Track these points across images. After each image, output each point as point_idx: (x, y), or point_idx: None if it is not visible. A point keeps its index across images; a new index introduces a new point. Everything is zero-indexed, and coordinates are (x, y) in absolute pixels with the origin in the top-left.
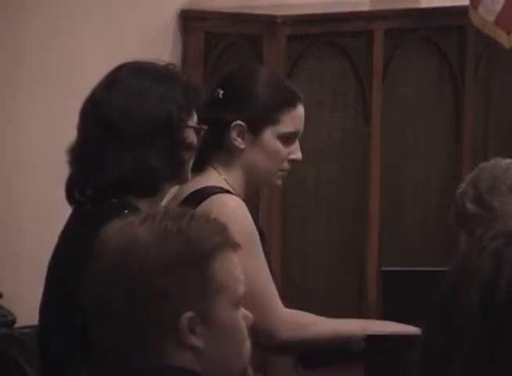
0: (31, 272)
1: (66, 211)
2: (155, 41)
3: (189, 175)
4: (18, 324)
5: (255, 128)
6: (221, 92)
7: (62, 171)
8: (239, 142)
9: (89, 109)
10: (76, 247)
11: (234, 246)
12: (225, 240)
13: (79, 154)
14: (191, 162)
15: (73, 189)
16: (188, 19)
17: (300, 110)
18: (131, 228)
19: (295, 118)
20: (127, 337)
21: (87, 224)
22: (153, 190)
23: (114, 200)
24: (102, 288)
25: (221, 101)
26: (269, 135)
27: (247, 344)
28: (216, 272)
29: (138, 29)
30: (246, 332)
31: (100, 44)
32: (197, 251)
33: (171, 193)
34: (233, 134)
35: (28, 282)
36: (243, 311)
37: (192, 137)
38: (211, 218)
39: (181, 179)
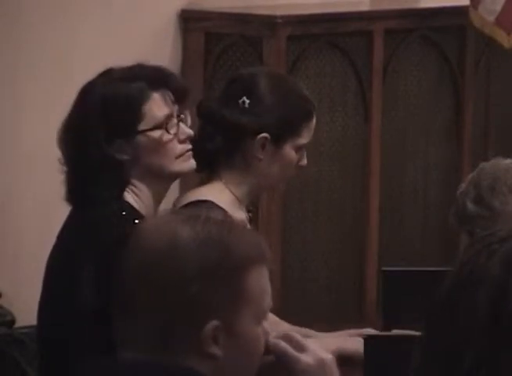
0: (31, 272)
1: (65, 211)
2: (155, 41)
3: (190, 163)
4: (17, 324)
5: (278, 141)
6: (248, 101)
7: (61, 170)
8: (260, 153)
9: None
10: (73, 247)
11: (268, 260)
12: (261, 254)
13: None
14: (189, 150)
15: (71, 190)
16: (188, 19)
17: (314, 120)
18: (173, 227)
19: (311, 130)
20: (149, 337)
21: (84, 225)
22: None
23: (113, 201)
24: (135, 284)
25: (247, 109)
26: (289, 148)
27: (260, 359)
28: (248, 285)
29: (138, 29)
30: (263, 349)
31: (100, 44)
32: (234, 262)
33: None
34: (257, 145)
35: (28, 282)
36: (264, 326)
37: (182, 130)
38: (250, 229)
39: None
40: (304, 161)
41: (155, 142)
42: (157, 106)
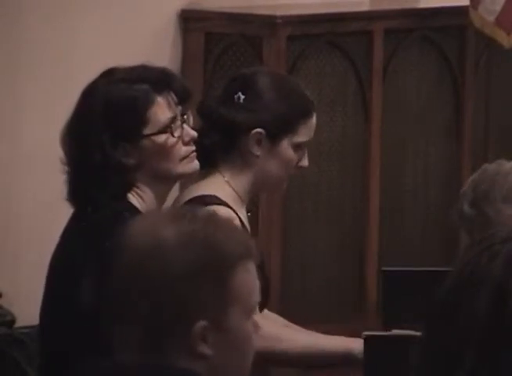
0: (31, 272)
1: (65, 211)
2: (155, 41)
3: (194, 164)
4: (17, 324)
5: (274, 137)
6: (243, 96)
7: (62, 170)
8: (256, 149)
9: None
10: (76, 248)
11: (255, 256)
12: (247, 251)
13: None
14: (191, 151)
15: (73, 191)
16: (188, 19)
17: (314, 119)
18: (158, 227)
19: (310, 128)
20: (141, 338)
21: (87, 226)
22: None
23: (115, 202)
24: (122, 286)
25: (242, 105)
26: (286, 144)
27: (253, 355)
28: (235, 283)
29: (138, 29)
30: (254, 343)
31: (100, 44)
32: (221, 261)
33: (173, 197)
34: (251, 140)
35: (27, 282)
36: (253, 319)
37: (186, 132)
38: (236, 226)
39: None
40: (305, 162)
41: (160, 147)
42: (162, 110)
